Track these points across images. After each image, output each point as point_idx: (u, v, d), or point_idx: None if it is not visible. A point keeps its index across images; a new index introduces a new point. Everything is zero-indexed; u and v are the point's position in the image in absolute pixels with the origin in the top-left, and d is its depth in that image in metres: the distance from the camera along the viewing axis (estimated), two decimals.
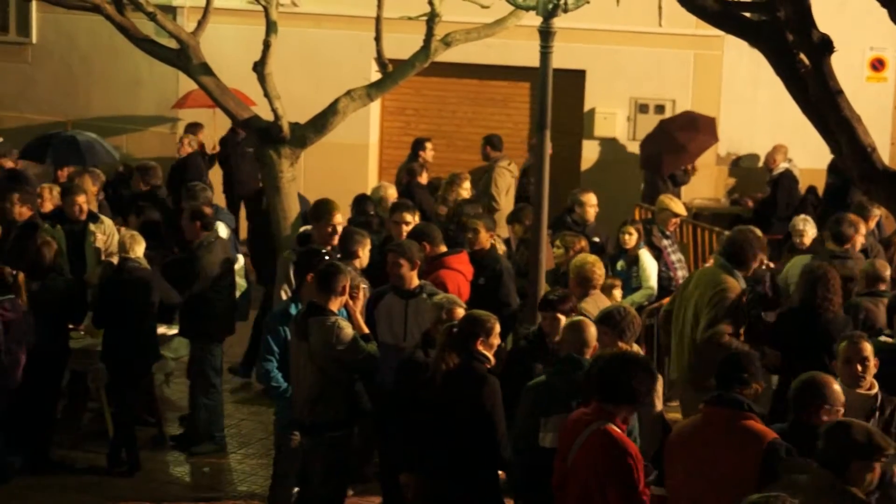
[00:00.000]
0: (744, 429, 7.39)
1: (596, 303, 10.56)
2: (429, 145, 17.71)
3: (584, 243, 12.56)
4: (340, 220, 12.04)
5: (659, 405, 9.39)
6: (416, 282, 10.54)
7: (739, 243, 10.74)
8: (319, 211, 12.07)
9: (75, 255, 13.33)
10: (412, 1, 14.65)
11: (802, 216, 13.86)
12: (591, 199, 14.26)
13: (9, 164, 17.09)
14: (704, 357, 10.12)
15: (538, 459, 8.40)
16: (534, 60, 11.36)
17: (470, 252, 12.03)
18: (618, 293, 12.27)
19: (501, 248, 13.03)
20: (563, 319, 9.41)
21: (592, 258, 11.16)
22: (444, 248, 11.73)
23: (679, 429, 7.94)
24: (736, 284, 10.49)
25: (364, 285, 10.61)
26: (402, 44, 15.46)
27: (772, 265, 12.69)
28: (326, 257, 10.82)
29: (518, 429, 8.69)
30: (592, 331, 8.83)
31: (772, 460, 7.20)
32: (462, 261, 11.65)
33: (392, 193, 14.76)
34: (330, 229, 11.81)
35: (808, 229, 13.35)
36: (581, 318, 9.10)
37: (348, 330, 9.65)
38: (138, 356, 12.05)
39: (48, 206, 14.03)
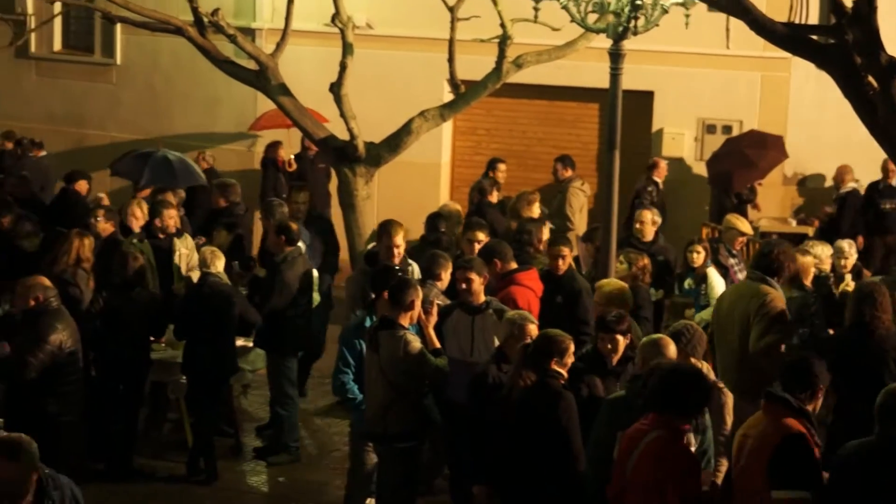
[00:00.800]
0: (776, 424, 7.38)
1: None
2: (502, 165, 17.71)
3: (646, 261, 12.52)
4: (400, 241, 11.96)
5: (729, 421, 9.31)
6: (482, 298, 10.55)
7: (772, 254, 10.71)
8: (381, 231, 12.14)
9: (162, 270, 13.45)
10: (484, 23, 14.69)
11: (848, 240, 13.69)
12: (645, 217, 14.14)
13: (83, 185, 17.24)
14: (764, 366, 10.09)
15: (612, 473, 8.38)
16: (603, 82, 11.35)
17: (547, 270, 12.02)
18: (690, 312, 12.22)
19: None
20: (620, 340, 9.38)
21: (621, 284, 10.98)
22: (514, 265, 11.71)
23: (747, 424, 7.94)
24: (778, 293, 10.49)
25: (438, 301, 10.62)
26: (474, 65, 15.50)
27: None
28: (399, 273, 10.88)
29: (593, 442, 8.67)
30: (672, 348, 8.77)
31: (782, 456, 7.19)
32: (532, 277, 11.63)
33: (454, 207, 14.75)
34: (387, 249, 11.83)
35: (852, 252, 13.17)
36: (661, 335, 9.06)
37: (416, 343, 9.67)
38: (217, 368, 12.13)
39: (140, 223, 14.13)
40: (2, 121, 22.37)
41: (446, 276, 11.35)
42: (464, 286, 10.50)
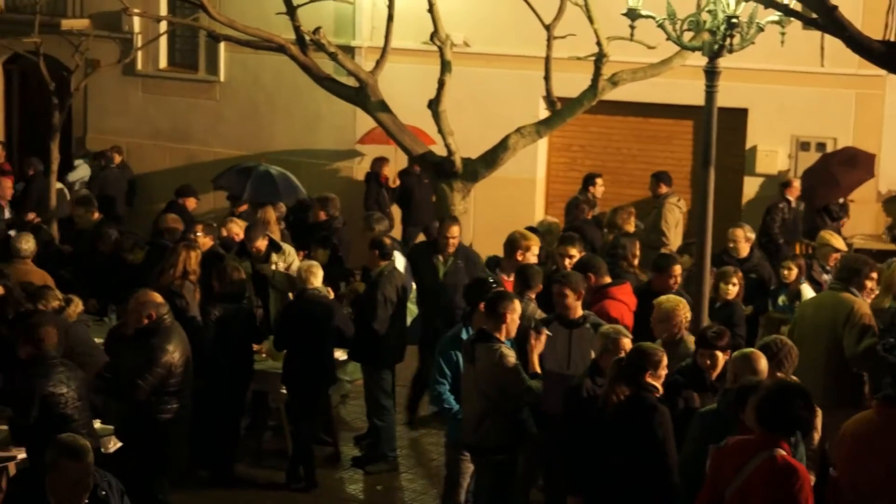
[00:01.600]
0: None
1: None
2: (599, 181, 17.70)
3: (738, 277, 12.49)
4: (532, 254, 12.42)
5: (817, 436, 9.24)
6: (579, 312, 10.53)
7: (852, 266, 11.03)
8: (508, 243, 12.49)
9: (259, 284, 13.58)
10: (580, 41, 14.68)
11: None
12: (738, 235, 14.06)
13: (191, 202, 17.49)
14: (864, 370, 10.05)
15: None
16: (697, 99, 11.30)
17: (646, 286, 11.98)
18: (785, 328, 12.11)
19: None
20: (720, 356, 9.32)
21: (677, 300, 10.90)
22: (608, 279, 11.70)
23: (853, 425, 7.86)
24: (863, 301, 10.62)
25: (546, 332, 10.59)
26: (570, 83, 15.51)
27: None
28: (495, 285, 10.91)
29: (685, 455, 8.63)
30: (763, 363, 8.71)
31: None
32: (626, 291, 11.60)
33: (550, 219, 14.77)
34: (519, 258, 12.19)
35: None
36: (752, 349, 9.00)
37: (511, 358, 9.66)
38: (317, 379, 12.21)
39: (240, 237, 14.27)
40: (109, 136, 22.76)
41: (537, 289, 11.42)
42: (560, 300, 10.51)
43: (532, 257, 12.37)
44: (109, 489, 7.22)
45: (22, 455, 10.09)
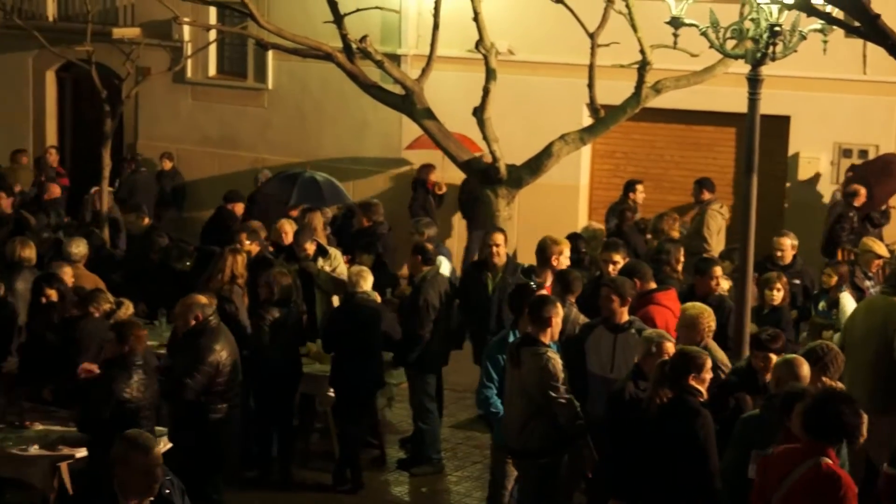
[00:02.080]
0: None
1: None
2: (639, 187, 17.68)
3: (782, 282, 12.47)
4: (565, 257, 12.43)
5: (861, 440, 9.20)
6: (626, 317, 10.54)
7: None
8: (540, 250, 12.45)
9: (305, 288, 13.65)
10: (624, 49, 14.68)
11: None
12: (784, 244, 14.02)
13: (239, 207, 17.61)
14: None
15: (746, 491, 8.32)
16: (740, 106, 11.27)
17: (690, 290, 11.98)
18: (828, 333, 12.09)
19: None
20: (773, 358, 9.30)
21: (702, 307, 10.88)
22: (653, 285, 11.70)
23: None
24: None
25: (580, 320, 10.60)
26: (613, 90, 15.50)
27: None
28: (538, 290, 10.94)
29: (728, 460, 8.62)
30: (805, 369, 8.69)
31: None
32: (671, 297, 11.60)
33: (596, 226, 14.75)
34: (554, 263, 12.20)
35: None
36: (794, 355, 8.98)
37: (559, 365, 9.65)
38: (364, 382, 12.27)
39: (289, 239, 14.36)
40: (160, 143, 22.93)
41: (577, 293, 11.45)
42: (608, 305, 10.52)
43: (565, 260, 12.36)
44: (172, 487, 7.34)
45: (80, 454, 10.21)
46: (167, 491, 7.27)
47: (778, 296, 12.46)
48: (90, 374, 10.38)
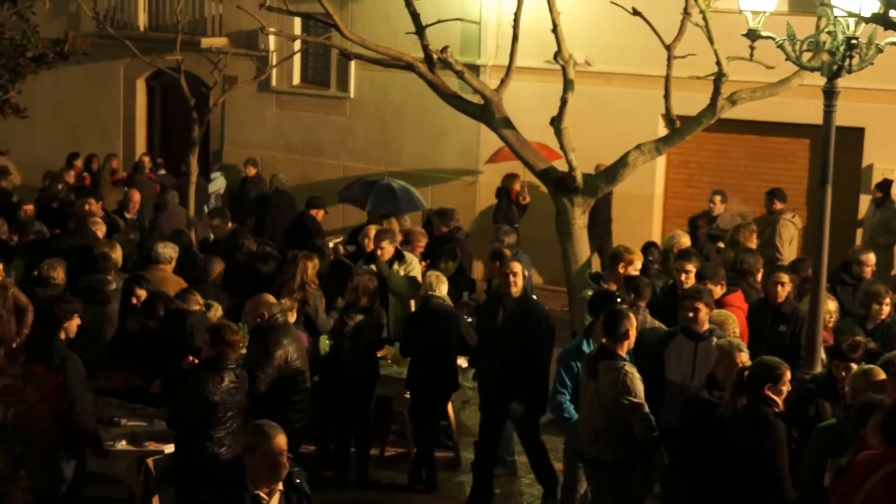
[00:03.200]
0: None
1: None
2: (717, 198, 17.59)
3: (890, 297, 12.33)
4: (638, 265, 12.35)
5: None
6: (706, 326, 10.42)
7: None
8: (612, 256, 12.43)
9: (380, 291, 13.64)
10: (700, 61, 14.54)
11: None
12: (870, 260, 13.80)
13: (321, 213, 17.70)
14: None
15: (822, 499, 8.19)
16: (813, 118, 11.15)
17: (765, 300, 11.87)
18: None
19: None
20: (854, 368, 9.17)
21: (727, 314, 10.72)
22: (722, 289, 11.70)
23: None
24: None
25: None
26: (688, 101, 15.36)
27: None
28: (618, 300, 10.85)
29: (804, 468, 8.49)
30: (882, 379, 8.57)
31: None
32: (739, 298, 11.61)
33: (685, 242, 14.58)
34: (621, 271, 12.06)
35: None
36: (872, 366, 8.84)
37: (636, 379, 9.47)
38: (439, 384, 12.25)
39: (370, 246, 14.40)
40: (245, 150, 23.09)
41: (647, 293, 11.40)
42: (691, 314, 10.40)
43: (633, 271, 12.20)
44: (301, 477, 7.51)
45: (167, 449, 10.28)
46: (297, 481, 7.44)
47: (885, 310, 12.10)
48: (190, 367, 10.43)
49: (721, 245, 15.67)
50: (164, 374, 11.00)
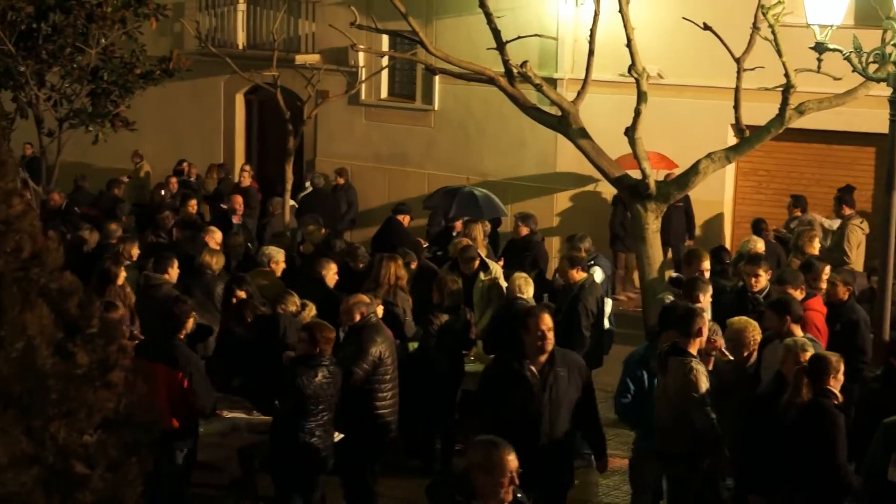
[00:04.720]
0: None
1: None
2: (789, 201, 17.59)
3: None
4: (707, 266, 12.30)
5: None
6: (799, 332, 10.29)
7: None
8: (689, 258, 12.37)
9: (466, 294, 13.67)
10: (769, 73, 14.43)
11: None
12: None
13: (407, 219, 17.81)
14: None
15: (886, 492, 8.12)
16: (879, 126, 11.04)
17: (826, 302, 11.77)
18: None
19: None
20: None
21: (747, 321, 10.55)
22: (801, 293, 11.60)
23: None
24: None
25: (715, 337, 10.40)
26: (757, 111, 15.26)
27: None
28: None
29: (869, 463, 8.41)
30: None
31: None
32: (818, 302, 11.56)
33: (759, 247, 14.44)
34: (697, 274, 12.01)
35: None
36: None
37: (704, 379, 9.32)
38: None
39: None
40: (336, 160, 23.29)
41: (705, 299, 11.29)
42: (780, 328, 10.31)
43: (705, 273, 12.21)
44: (520, 491, 6.88)
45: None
46: (519, 495, 6.84)
47: None
48: (288, 362, 10.54)
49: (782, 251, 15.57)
50: (245, 374, 11.15)
